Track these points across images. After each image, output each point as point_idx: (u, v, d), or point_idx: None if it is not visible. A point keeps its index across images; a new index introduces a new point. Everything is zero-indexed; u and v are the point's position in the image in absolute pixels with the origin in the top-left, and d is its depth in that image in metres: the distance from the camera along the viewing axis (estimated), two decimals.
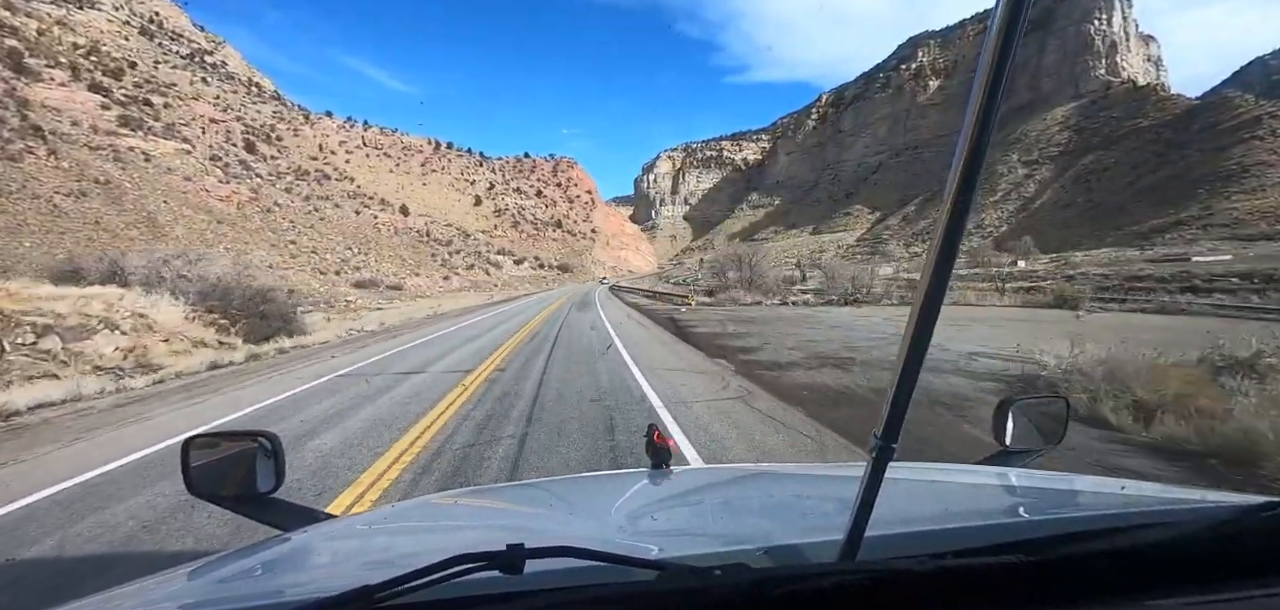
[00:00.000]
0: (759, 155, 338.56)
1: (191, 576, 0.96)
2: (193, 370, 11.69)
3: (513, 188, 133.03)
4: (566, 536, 0.87)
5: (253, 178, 69.77)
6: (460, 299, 48.39)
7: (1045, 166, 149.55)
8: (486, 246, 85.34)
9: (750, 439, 5.52)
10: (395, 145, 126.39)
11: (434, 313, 33.17)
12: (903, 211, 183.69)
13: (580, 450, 5.21)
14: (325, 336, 19.09)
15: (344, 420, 6.72)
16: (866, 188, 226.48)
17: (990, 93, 0.49)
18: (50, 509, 4.32)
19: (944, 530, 0.92)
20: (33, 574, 3.34)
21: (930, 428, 5.71)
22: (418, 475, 4.69)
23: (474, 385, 8.82)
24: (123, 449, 5.87)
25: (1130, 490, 1.14)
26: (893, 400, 0.61)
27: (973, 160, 0.51)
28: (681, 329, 18.09)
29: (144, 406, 8.45)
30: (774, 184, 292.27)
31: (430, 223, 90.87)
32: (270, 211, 62.02)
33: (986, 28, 0.51)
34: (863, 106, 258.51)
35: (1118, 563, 0.72)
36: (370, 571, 0.82)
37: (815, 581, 0.65)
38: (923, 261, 0.58)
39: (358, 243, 63.84)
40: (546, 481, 2.53)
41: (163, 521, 3.95)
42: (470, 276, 68.29)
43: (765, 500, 1.46)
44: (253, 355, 14.05)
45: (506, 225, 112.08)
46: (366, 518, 1.48)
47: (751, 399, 7.35)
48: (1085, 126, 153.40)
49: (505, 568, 0.65)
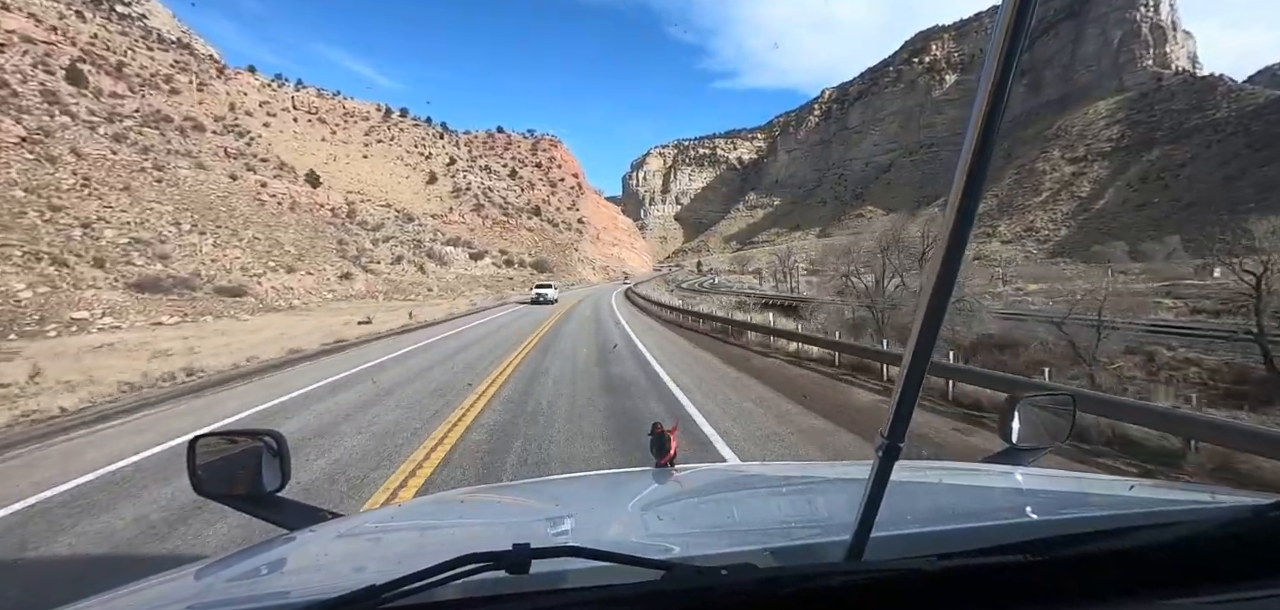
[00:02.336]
0: (754, 154, 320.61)
1: (198, 576, 0.97)
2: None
3: (480, 165, 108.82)
4: (572, 536, 0.85)
5: (57, 114, 44.52)
6: (313, 322, 25.20)
7: (1097, 163, 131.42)
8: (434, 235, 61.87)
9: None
10: (334, 110, 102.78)
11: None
12: (926, 212, 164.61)
13: None
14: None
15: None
16: (877, 188, 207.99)
17: (995, 96, 0.48)
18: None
19: (951, 530, 0.91)
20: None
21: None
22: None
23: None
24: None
25: (1138, 490, 1.14)
26: (898, 400, 0.61)
27: (978, 162, 0.50)
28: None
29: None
30: (773, 184, 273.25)
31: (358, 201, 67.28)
32: (51, 161, 36.96)
33: (989, 32, 0.50)
34: (871, 102, 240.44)
35: (1126, 563, 0.72)
36: (376, 571, 0.80)
37: (822, 581, 0.65)
38: (929, 261, 0.57)
39: (206, 217, 38.92)
40: (552, 480, 2.47)
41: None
42: (392, 276, 44.78)
43: (771, 499, 1.45)
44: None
45: (466, 209, 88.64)
46: (372, 517, 1.47)
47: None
48: (1140, 120, 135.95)
49: (511, 568, 0.64)
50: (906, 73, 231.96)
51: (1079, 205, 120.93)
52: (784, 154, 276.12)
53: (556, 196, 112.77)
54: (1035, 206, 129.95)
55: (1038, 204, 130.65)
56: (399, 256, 51.28)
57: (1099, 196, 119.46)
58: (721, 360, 12.17)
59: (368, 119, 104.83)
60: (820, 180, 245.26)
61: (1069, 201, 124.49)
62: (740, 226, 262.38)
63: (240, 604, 0.86)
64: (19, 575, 3.35)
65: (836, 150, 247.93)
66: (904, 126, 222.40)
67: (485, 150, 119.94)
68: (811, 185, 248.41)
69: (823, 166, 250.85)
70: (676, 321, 23.91)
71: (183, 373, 10.39)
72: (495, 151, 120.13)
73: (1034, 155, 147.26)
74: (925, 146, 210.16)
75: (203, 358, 12.28)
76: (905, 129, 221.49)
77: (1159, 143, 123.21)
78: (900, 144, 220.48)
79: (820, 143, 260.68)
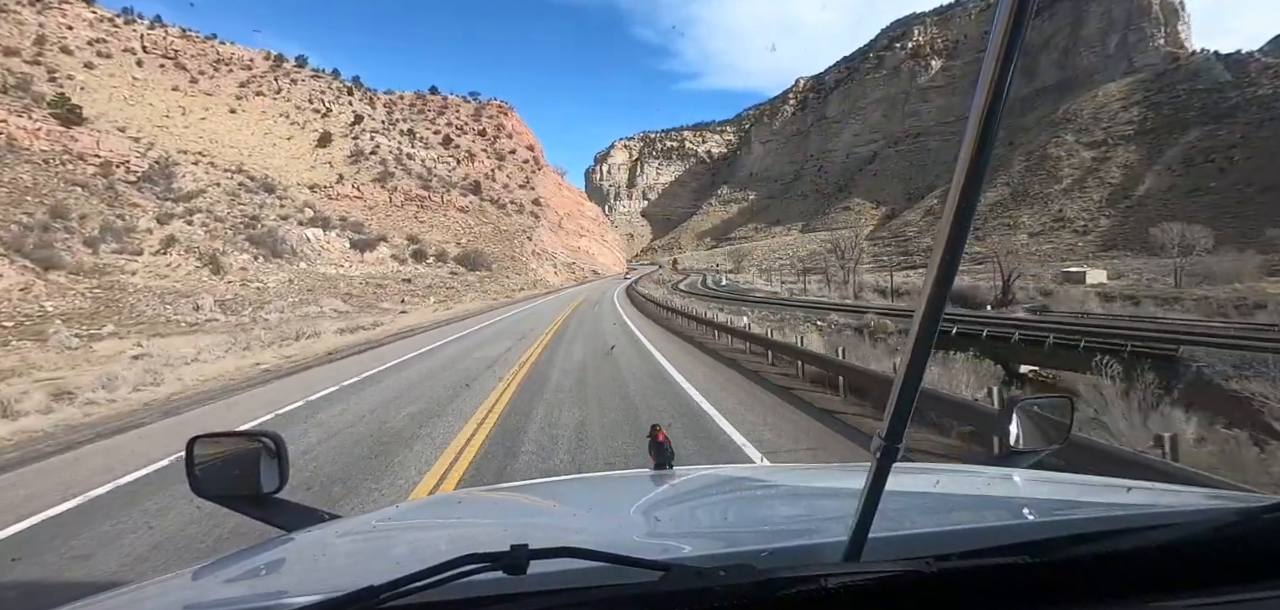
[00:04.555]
0: (724, 148, 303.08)
1: (196, 577, 0.96)
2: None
3: (402, 129, 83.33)
4: (571, 536, 0.87)
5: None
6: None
7: (1121, 147, 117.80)
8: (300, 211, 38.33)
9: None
10: (202, 55, 77.13)
11: None
12: (922, 204, 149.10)
13: None
14: None
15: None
16: (864, 179, 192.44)
17: (993, 95, 0.47)
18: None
19: (948, 531, 0.90)
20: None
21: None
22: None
23: None
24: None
25: (1135, 492, 1.14)
26: (896, 402, 0.60)
27: (978, 156, 0.49)
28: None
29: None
30: (747, 177, 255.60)
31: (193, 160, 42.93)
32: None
33: (990, 28, 0.48)
34: (850, 90, 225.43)
35: (1122, 565, 0.71)
36: (374, 571, 0.81)
37: (819, 582, 0.64)
38: (928, 260, 0.56)
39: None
40: (551, 481, 2.44)
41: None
42: (144, 278, 20.63)
43: (769, 501, 1.44)
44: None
45: (367, 179, 64.27)
46: (370, 518, 1.47)
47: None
48: (1161, 101, 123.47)
49: (509, 568, 0.64)
50: (888, 58, 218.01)
51: (1113, 192, 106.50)
52: (759, 146, 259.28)
53: (505, 172, 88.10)
54: (1058, 195, 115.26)
55: (1060, 192, 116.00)
56: (190, 246, 28.11)
57: (1135, 182, 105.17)
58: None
59: (250, 68, 79.01)
60: (798, 173, 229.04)
61: (1099, 188, 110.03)
62: (714, 222, 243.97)
63: (238, 605, 0.85)
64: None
65: (815, 141, 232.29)
66: (888, 115, 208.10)
67: (411, 113, 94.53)
68: (789, 178, 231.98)
69: (800, 158, 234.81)
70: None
71: None
72: (424, 115, 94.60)
73: (1044, 140, 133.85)
74: (912, 136, 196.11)
75: None
76: (889, 118, 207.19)
77: (1193, 124, 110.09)
78: (884, 134, 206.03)
79: (797, 134, 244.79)
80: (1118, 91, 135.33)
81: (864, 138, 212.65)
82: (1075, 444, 3.55)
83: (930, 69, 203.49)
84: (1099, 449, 3.84)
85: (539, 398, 8.05)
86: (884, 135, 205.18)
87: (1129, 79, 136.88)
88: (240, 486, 1.21)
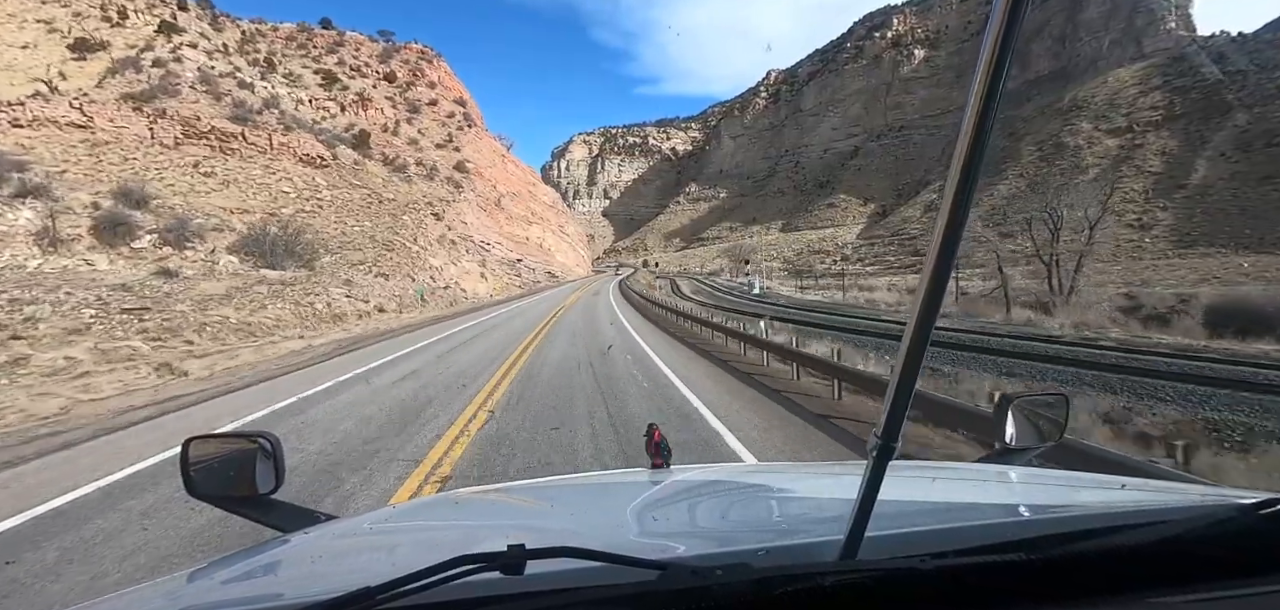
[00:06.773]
0: (690, 145, 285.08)
1: (191, 579, 0.96)
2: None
3: (249, 57, 57.74)
4: (567, 536, 0.87)
5: None
6: None
7: (1150, 134, 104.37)
8: None
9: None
10: None
11: None
12: (919, 199, 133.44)
13: None
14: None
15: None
16: (847, 174, 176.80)
17: (990, 88, 0.46)
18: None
19: (944, 529, 0.90)
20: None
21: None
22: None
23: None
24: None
25: (1130, 489, 1.14)
26: (892, 400, 0.60)
27: (974, 152, 0.48)
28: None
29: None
30: (717, 174, 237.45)
31: None
32: None
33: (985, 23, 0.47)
34: (827, 82, 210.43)
35: (1118, 562, 0.71)
36: (371, 572, 0.82)
37: (816, 581, 0.64)
38: (925, 259, 0.56)
39: None
40: (548, 482, 2.49)
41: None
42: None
43: (765, 500, 1.44)
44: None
45: (112, 96, 38.11)
46: (367, 518, 1.49)
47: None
48: (1185, 85, 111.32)
49: (506, 568, 0.64)
50: (868, 48, 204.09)
51: (1158, 181, 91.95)
52: (729, 141, 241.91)
53: (416, 126, 64.22)
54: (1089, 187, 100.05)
55: (1089, 182, 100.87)
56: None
57: (1182, 170, 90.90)
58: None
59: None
60: (773, 169, 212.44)
61: (1138, 177, 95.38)
62: (682, 221, 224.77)
63: (234, 606, 0.85)
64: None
65: (790, 135, 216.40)
66: (868, 108, 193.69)
67: (291, 47, 69.46)
68: (763, 174, 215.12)
69: (775, 154, 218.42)
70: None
71: None
72: (310, 53, 69.29)
73: (1056, 129, 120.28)
74: (895, 129, 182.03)
75: None
76: (870, 111, 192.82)
77: (1235, 107, 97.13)
78: (865, 127, 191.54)
79: (770, 128, 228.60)
80: (1130, 77, 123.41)
81: (843, 131, 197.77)
82: (1067, 446, 3.59)
83: (913, 58, 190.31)
84: (1092, 452, 4.00)
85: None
86: (865, 129, 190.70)
87: (1141, 64, 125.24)
88: (236, 487, 1.20)
